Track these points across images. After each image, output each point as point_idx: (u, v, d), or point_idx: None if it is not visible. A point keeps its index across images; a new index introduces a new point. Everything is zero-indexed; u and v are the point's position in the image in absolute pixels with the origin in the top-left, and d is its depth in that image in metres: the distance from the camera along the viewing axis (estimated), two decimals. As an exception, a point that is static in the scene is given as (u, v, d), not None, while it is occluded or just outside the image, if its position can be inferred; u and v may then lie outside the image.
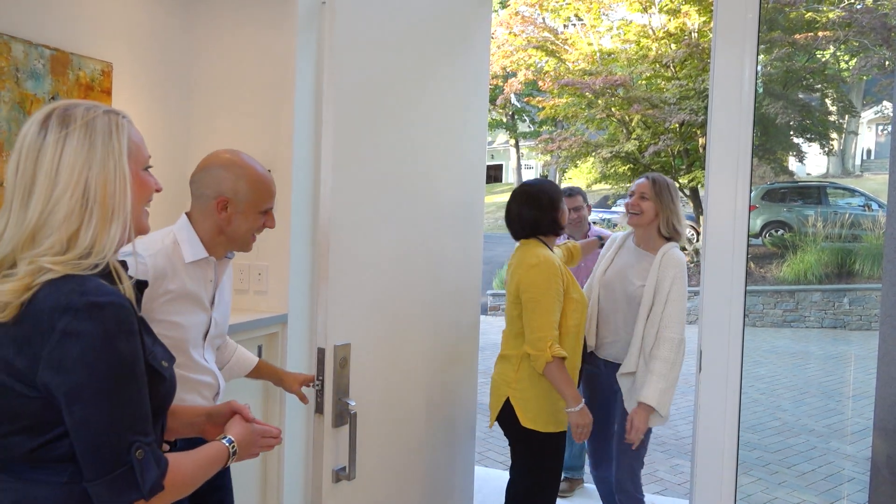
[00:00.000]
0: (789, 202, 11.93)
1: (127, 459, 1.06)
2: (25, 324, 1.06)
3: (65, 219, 1.08)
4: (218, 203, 1.75)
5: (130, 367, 1.07)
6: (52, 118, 1.12)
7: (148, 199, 1.23)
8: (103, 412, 1.04)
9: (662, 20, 12.65)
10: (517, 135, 22.25)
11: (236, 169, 1.77)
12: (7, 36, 2.20)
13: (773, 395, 6.50)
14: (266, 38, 2.80)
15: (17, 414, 1.08)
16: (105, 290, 1.07)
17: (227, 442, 1.31)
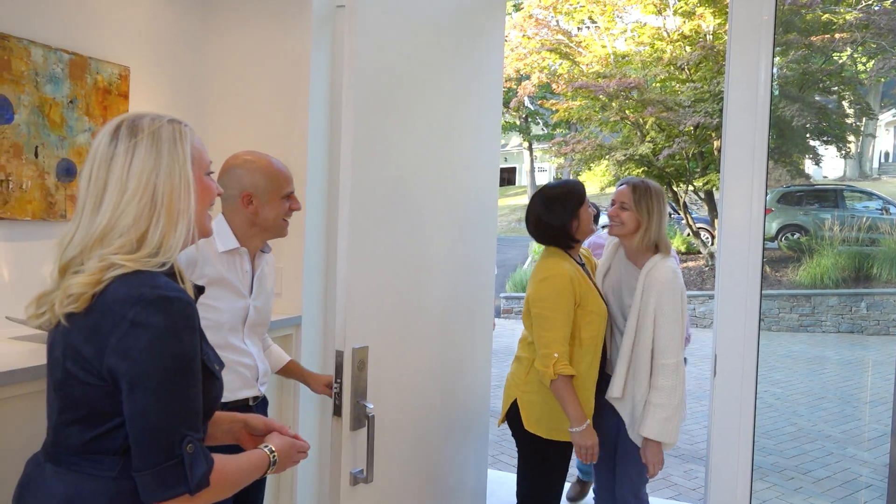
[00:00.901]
0: (805, 205, 11.84)
1: (178, 452, 1.09)
2: (95, 314, 1.11)
3: (134, 221, 1.15)
4: (243, 199, 1.91)
5: (190, 362, 1.12)
6: (122, 129, 1.19)
7: (210, 203, 1.30)
8: (162, 403, 1.08)
9: (677, 22, 12.59)
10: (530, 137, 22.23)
11: (251, 165, 1.93)
12: (27, 41, 2.23)
13: (788, 401, 6.43)
14: (281, 40, 2.82)
15: (77, 402, 1.13)
16: (174, 286, 1.14)
17: (269, 451, 1.34)
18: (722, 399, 2.30)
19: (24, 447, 1.38)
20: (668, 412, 2.28)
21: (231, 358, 1.92)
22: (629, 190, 2.42)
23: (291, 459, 1.42)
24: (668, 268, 2.33)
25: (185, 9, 2.86)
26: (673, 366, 2.29)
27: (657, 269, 2.34)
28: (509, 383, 2.47)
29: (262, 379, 2.05)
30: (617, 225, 2.43)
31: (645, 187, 2.41)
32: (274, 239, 2.03)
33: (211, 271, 1.86)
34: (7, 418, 1.72)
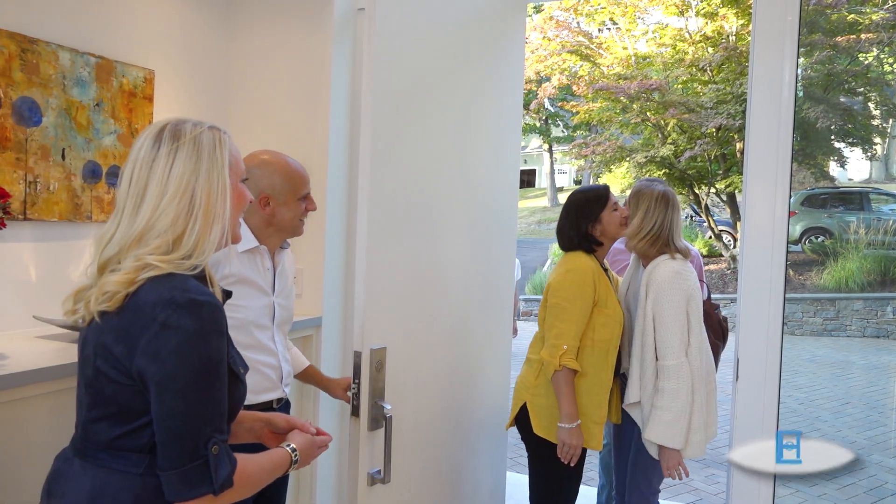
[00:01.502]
0: (830, 208, 11.68)
1: (203, 453, 1.11)
2: (128, 314, 1.14)
3: (172, 223, 1.18)
4: (260, 200, 1.92)
5: (217, 365, 1.14)
6: (165, 133, 1.23)
7: (243, 210, 1.33)
8: (189, 404, 1.11)
9: (699, 23, 12.49)
10: (551, 139, 22.17)
11: (269, 166, 1.95)
12: (55, 45, 2.27)
13: (812, 406, 6.35)
14: (302, 44, 2.84)
15: (107, 400, 1.16)
16: (204, 291, 1.17)
17: (290, 449, 1.37)
18: (744, 403, 2.27)
19: (51, 443, 1.40)
20: (671, 415, 2.21)
21: (256, 359, 1.93)
22: (632, 189, 2.46)
23: (312, 455, 1.44)
24: (669, 268, 2.29)
25: (208, 13, 2.89)
26: (674, 367, 2.23)
27: (657, 269, 2.31)
28: (519, 386, 2.45)
29: (286, 380, 2.07)
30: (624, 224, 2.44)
31: (643, 186, 2.41)
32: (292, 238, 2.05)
33: (233, 271, 1.88)
34: (36, 415, 1.76)
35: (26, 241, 2.23)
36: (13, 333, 2.15)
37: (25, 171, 2.20)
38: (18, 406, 1.72)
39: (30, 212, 2.22)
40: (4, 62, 2.12)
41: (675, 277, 2.26)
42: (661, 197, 2.37)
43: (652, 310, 2.28)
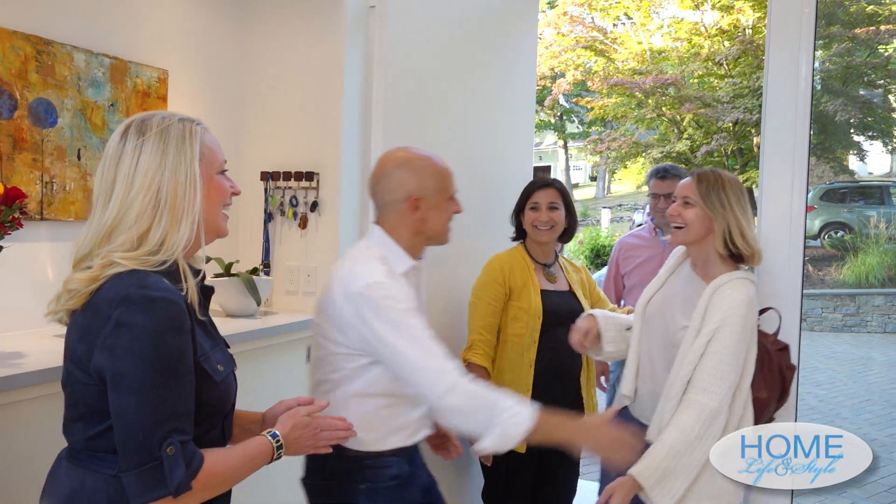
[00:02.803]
0: (849, 202, 11.54)
1: (157, 454, 1.07)
2: (89, 312, 1.13)
3: (137, 218, 1.15)
4: (409, 203, 1.61)
5: (174, 362, 1.10)
6: (132, 128, 1.20)
7: (224, 202, 1.28)
8: (141, 403, 1.07)
9: (715, 17, 12.38)
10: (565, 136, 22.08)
11: (415, 163, 1.65)
12: (70, 46, 2.28)
13: (832, 403, 6.28)
14: (314, 42, 2.84)
15: (77, 401, 1.16)
16: (162, 286, 1.12)
17: (270, 437, 1.28)
18: (761, 401, 2.24)
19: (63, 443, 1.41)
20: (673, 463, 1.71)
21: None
22: (694, 182, 1.90)
23: (315, 438, 1.35)
24: (748, 291, 1.81)
25: (221, 13, 2.91)
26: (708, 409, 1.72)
27: (732, 286, 1.81)
28: None
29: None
30: (680, 228, 1.89)
31: (714, 176, 1.89)
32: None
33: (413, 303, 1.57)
34: (53, 413, 1.77)
35: (43, 240, 2.25)
36: (30, 332, 2.17)
37: (42, 171, 2.22)
38: (36, 404, 1.73)
39: (46, 212, 2.24)
40: (20, 64, 2.14)
41: (752, 304, 1.82)
42: (738, 186, 1.90)
43: (713, 335, 1.77)
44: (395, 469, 1.59)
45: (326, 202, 2.84)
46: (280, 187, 2.90)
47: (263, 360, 2.55)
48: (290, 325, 2.62)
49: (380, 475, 1.58)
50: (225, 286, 2.61)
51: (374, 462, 1.58)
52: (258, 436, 1.28)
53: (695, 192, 1.87)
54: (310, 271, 2.87)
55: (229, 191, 1.29)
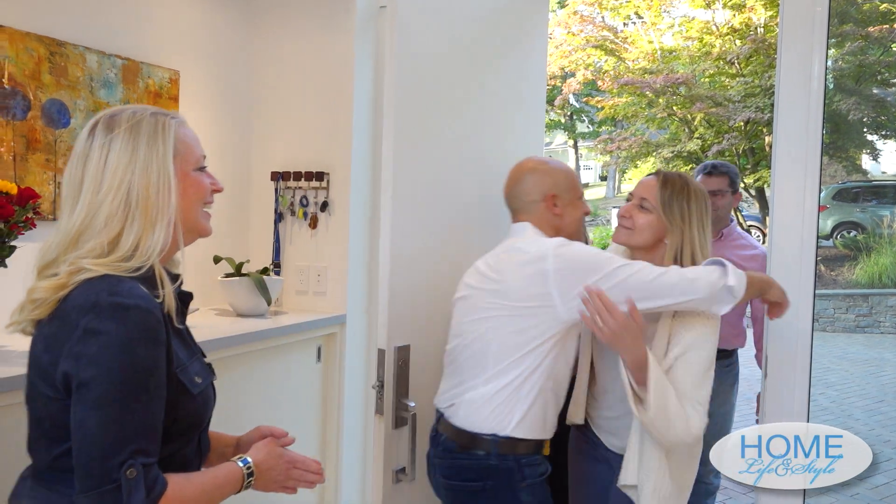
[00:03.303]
0: (863, 202, 11.44)
1: (116, 477, 0.98)
2: (56, 321, 1.05)
3: (106, 221, 1.07)
4: (547, 201, 1.78)
5: (144, 376, 1.02)
6: (100, 124, 1.12)
7: (204, 201, 1.20)
8: (103, 418, 0.99)
9: (727, 16, 12.31)
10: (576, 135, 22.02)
11: (545, 167, 1.84)
12: (83, 47, 2.30)
13: (844, 404, 6.23)
14: (325, 42, 2.85)
15: (41, 417, 1.07)
16: (135, 294, 1.04)
17: (241, 463, 1.18)
18: (773, 402, 2.23)
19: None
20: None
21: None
22: (657, 183, 1.74)
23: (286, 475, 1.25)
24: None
25: (232, 13, 2.92)
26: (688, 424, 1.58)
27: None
28: None
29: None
30: (625, 230, 1.75)
31: (682, 183, 1.74)
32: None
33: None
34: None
35: (56, 240, 2.27)
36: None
37: (55, 171, 2.23)
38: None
39: (59, 212, 2.26)
40: (34, 65, 2.16)
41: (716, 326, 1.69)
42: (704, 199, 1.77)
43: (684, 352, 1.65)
44: (543, 467, 1.71)
45: (336, 202, 2.84)
46: (290, 187, 2.91)
47: (274, 359, 2.56)
48: (300, 325, 2.63)
49: (535, 472, 1.67)
50: (235, 286, 2.62)
51: (530, 460, 1.66)
52: (228, 461, 1.19)
53: (655, 197, 1.72)
54: (320, 271, 2.88)
55: (209, 188, 1.21)
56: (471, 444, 1.66)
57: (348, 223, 2.82)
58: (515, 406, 1.63)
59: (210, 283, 2.75)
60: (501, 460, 1.63)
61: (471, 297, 1.75)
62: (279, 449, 1.26)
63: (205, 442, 1.23)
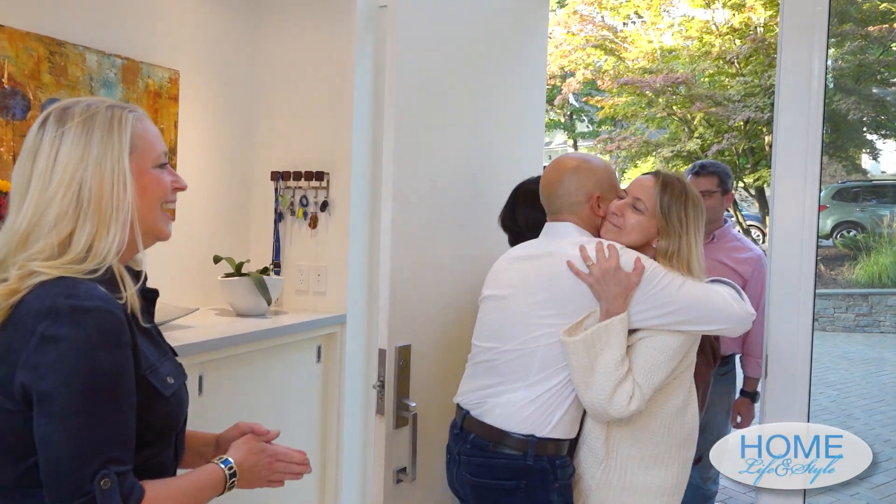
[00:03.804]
0: (862, 201, 11.44)
1: (89, 489, 0.93)
2: (9, 329, 0.98)
3: (56, 221, 1.01)
4: (592, 202, 1.75)
5: (109, 382, 0.97)
6: (51, 116, 1.06)
7: (164, 199, 1.13)
8: (69, 429, 0.94)
9: (726, 15, 12.31)
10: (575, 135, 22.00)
11: (588, 166, 1.80)
12: (82, 47, 2.30)
13: (844, 403, 6.23)
14: (325, 41, 2.85)
15: (3, 431, 1.00)
16: (95, 295, 0.98)
17: (223, 464, 1.13)
18: (773, 401, 2.23)
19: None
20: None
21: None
22: (654, 185, 1.70)
23: (270, 469, 1.21)
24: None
25: (232, 13, 2.92)
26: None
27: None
28: None
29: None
30: (615, 228, 1.72)
31: (682, 188, 1.70)
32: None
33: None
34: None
35: (56, 240, 2.27)
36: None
37: (55, 171, 2.24)
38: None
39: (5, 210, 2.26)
40: (34, 65, 2.15)
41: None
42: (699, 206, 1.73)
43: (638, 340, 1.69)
44: (571, 468, 1.70)
45: (336, 202, 2.84)
46: (290, 187, 2.91)
47: (274, 359, 2.56)
48: (300, 325, 2.63)
49: (566, 473, 1.68)
50: (235, 286, 2.62)
51: (563, 461, 1.67)
52: (209, 463, 1.14)
53: (652, 200, 1.68)
54: (320, 271, 2.87)
55: (169, 186, 1.13)
56: (506, 443, 1.66)
57: (348, 223, 2.82)
58: (556, 409, 1.64)
59: (210, 282, 2.74)
60: (536, 461, 1.64)
61: (513, 300, 1.71)
62: (259, 444, 1.21)
63: (180, 446, 1.18)
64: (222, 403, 2.28)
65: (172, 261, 2.57)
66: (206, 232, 2.78)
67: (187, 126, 2.70)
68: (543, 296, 1.66)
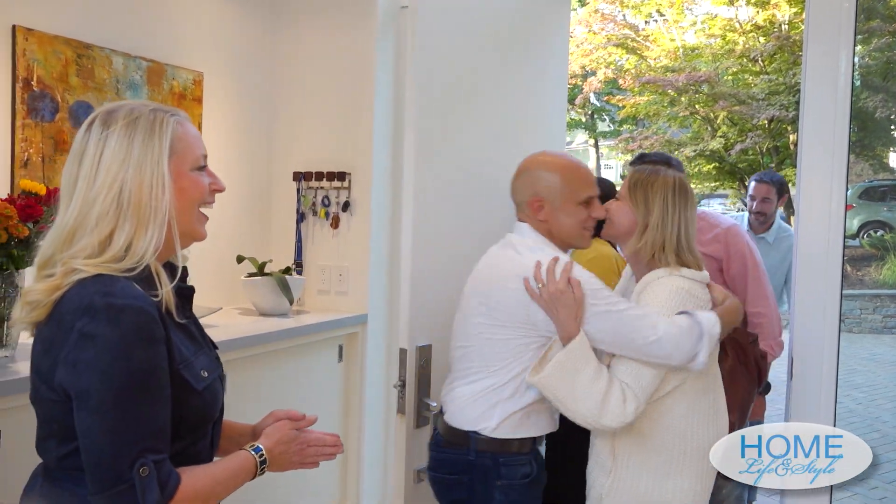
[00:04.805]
0: (890, 201, 11.25)
1: (129, 477, 0.99)
2: (52, 324, 1.05)
3: (98, 220, 1.05)
4: (531, 204, 1.70)
5: (145, 377, 1.02)
6: (97, 119, 1.10)
7: (201, 201, 1.16)
8: (107, 422, 0.99)
9: (750, 13, 12.18)
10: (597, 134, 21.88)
11: (545, 165, 1.73)
12: (109, 50, 2.33)
13: (871, 406, 6.14)
14: (346, 42, 2.86)
15: (47, 418, 1.08)
16: (129, 293, 1.03)
17: (254, 451, 1.18)
18: (799, 404, 2.21)
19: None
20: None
21: None
22: (629, 174, 1.75)
23: (302, 454, 1.26)
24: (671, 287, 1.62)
25: (255, 15, 2.94)
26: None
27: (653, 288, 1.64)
28: None
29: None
30: (607, 222, 1.76)
31: (648, 173, 1.70)
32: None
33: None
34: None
35: (83, 240, 2.31)
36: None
37: (82, 172, 2.27)
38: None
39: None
40: (62, 67, 2.19)
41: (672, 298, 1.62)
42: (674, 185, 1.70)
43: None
44: (527, 468, 1.68)
45: (358, 202, 2.86)
46: (312, 187, 2.92)
47: (296, 358, 2.58)
48: (322, 325, 2.64)
49: (515, 473, 1.67)
50: (258, 285, 2.64)
51: (511, 459, 1.66)
52: (241, 450, 1.19)
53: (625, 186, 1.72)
54: (342, 270, 2.89)
55: (208, 187, 1.16)
56: (455, 440, 1.69)
57: (370, 223, 2.83)
58: (496, 407, 1.64)
59: (233, 282, 2.77)
60: (479, 456, 1.66)
61: (465, 297, 1.75)
62: (291, 432, 1.25)
63: (216, 436, 1.23)
64: (244, 402, 2.30)
65: (196, 260, 2.58)
66: (229, 232, 2.81)
67: (210, 127, 2.72)
68: (481, 298, 1.68)
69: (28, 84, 2.10)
